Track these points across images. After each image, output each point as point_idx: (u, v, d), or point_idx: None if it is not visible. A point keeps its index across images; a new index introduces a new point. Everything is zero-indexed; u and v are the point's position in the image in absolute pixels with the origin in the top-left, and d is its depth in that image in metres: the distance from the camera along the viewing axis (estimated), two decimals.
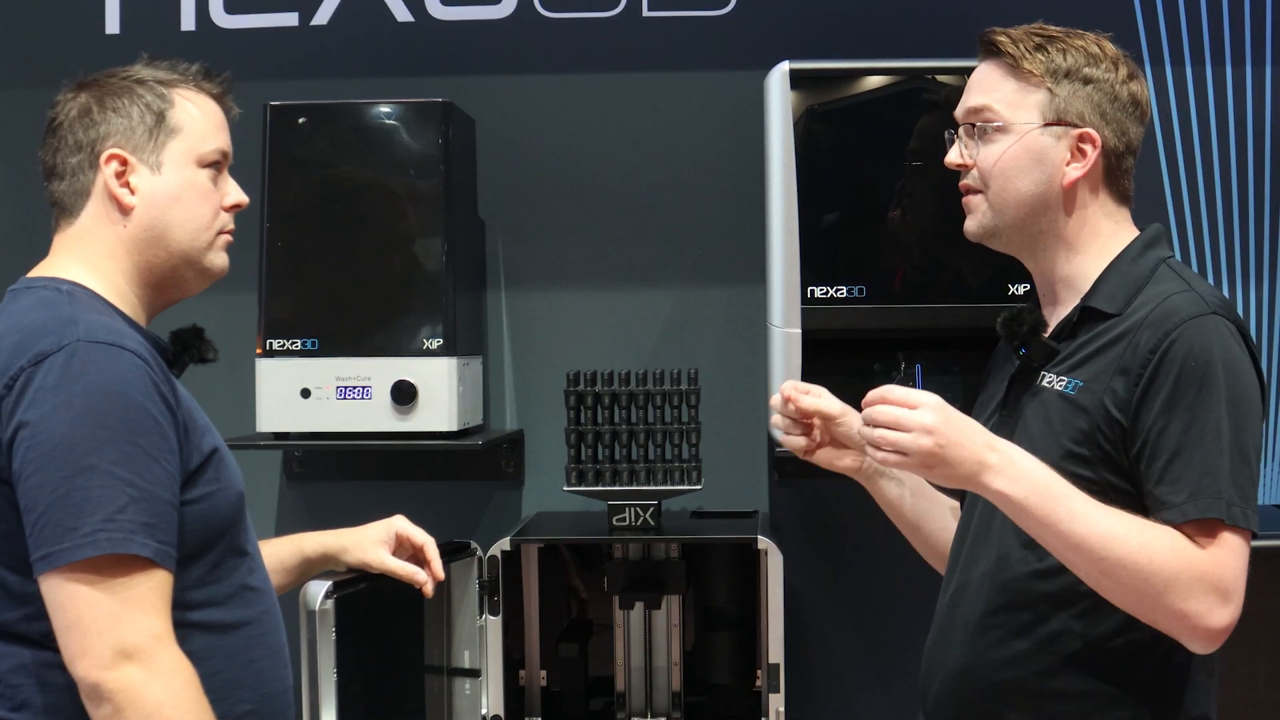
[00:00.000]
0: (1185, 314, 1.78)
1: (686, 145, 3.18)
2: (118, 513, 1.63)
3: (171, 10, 3.22)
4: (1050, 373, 1.87)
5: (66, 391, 1.65)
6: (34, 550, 1.64)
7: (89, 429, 1.64)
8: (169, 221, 1.84)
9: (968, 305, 2.72)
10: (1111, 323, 1.84)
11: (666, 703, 2.93)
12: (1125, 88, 1.90)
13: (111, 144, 1.83)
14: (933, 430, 1.75)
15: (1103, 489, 1.79)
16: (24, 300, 1.78)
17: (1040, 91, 1.88)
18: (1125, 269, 1.88)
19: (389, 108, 2.91)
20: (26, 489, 1.65)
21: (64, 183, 1.85)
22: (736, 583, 2.95)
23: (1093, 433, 1.80)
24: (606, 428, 2.81)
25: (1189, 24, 3.09)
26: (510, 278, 3.23)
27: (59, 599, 1.63)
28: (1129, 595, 1.73)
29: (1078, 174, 1.88)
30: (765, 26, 3.14)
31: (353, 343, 2.86)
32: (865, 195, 2.80)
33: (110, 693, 1.62)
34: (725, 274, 3.17)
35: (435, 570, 2.23)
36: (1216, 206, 3.11)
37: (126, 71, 1.88)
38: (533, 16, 3.19)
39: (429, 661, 2.73)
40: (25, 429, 1.65)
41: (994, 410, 1.97)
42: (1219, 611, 1.72)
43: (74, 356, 1.67)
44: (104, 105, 1.84)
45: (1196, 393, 1.75)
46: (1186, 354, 1.76)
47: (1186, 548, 1.72)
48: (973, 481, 1.77)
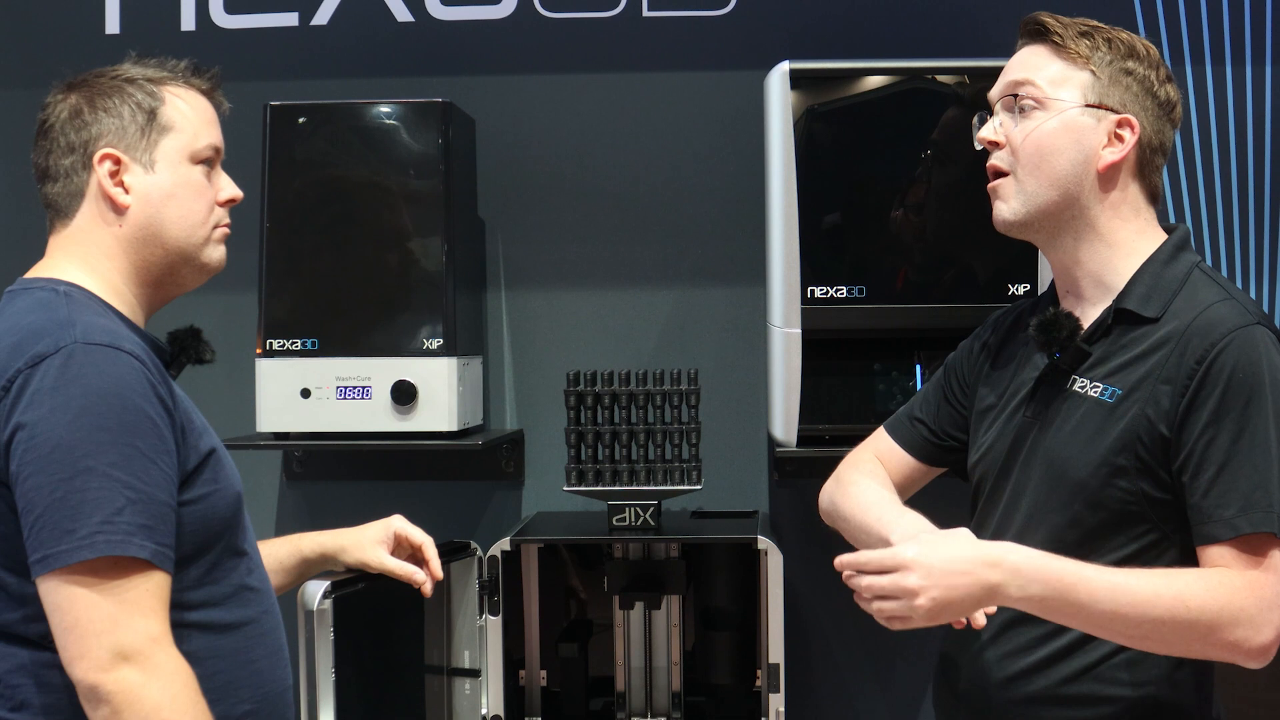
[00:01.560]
0: (1231, 324, 1.76)
1: (686, 145, 3.18)
2: (115, 515, 1.63)
3: (171, 10, 3.22)
4: (1083, 377, 1.84)
5: (64, 393, 1.65)
6: (32, 552, 1.64)
7: (86, 431, 1.64)
8: (164, 219, 1.84)
9: (968, 305, 2.72)
10: (1148, 328, 1.81)
11: (666, 703, 2.93)
12: (1164, 88, 1.89)
13: (104, 144, 1.83)
14: (920, 590, 1.69)
15: (1139, 499, 1.78)
16: (21, 302, 1.78)
17: (1084, 73, 1.86)
18: (1159, 271, 1.85)
19: (389, 108, 2.91)
20: (24, 491, 1.64)
21: (58, 184, 1.85)
22: (736, 583, 2.95)
23: (1132, 443, 1.77)
24: (606, 428, 2.81)
25: (1189, 24, 3.09)
26: (510, 278, 3.23)
27: (57, 601, 1.63)
28: (1176, 646, 1.72)
29: (1114, 158, 1.85)
30: (765, 26, 3.14)
31: (353, 343, 2.86)
32: (865, 195, 2.80)
33: (108, 694, 1.62)
34: (725, 274, 3.17)
35: (434, 570, 2.23)
36: (1216, 206, 3.11)
37: (115, 71, 1.88)
38: (533, 16, 3.19)
39: (429, 661, 2.73)
40: (23, 431, 1.65)
41: (1017, 408, 1.93)
42: (1265, 630, 1.69)
43: (71, 358, 1.66)
44: (95, 105, 1.84)
45: (1245, 405, 1.72)
46: (1235, 366, 1.73)
47: (1221, 582, 1.70)
48: (986, 604, 1.72)
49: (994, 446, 1.96)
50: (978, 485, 1.99)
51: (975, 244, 2.74)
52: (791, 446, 2.78)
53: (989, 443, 1.97)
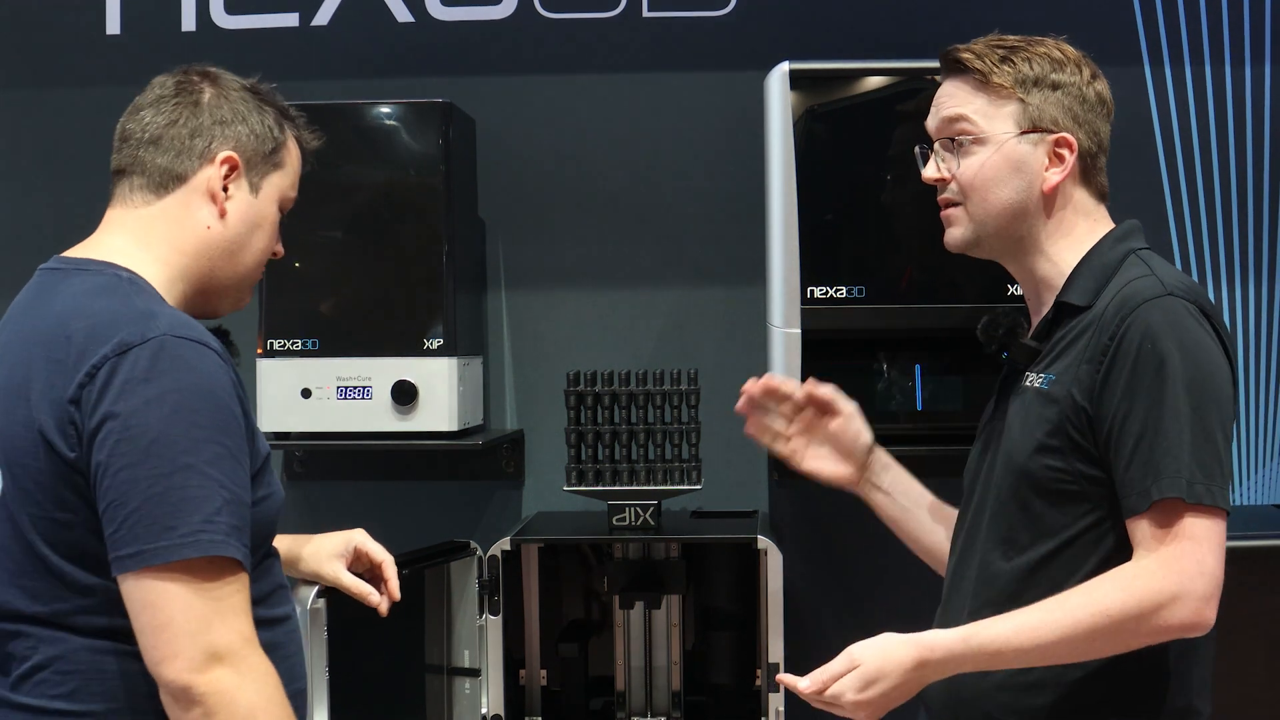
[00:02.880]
0: (1142, 297, 1.80)
1: (687, 145, 3.18)
2: (215, 514, 1.60)
3: (172, 11, 3.22)
4: (1032, 372, 1.90)
5: (157, 385, 1.61)
6: (121, 546, 1.59)
7: (184, 426, 1.60)
8: (248, 244, 1.83)
9: (968, 305, 2.72)
10: (1082, 315, 1.86)
11: (666, 702, 2.93)
12: (1091, 88, 1.93)
13: (233, 147, 1.80)
14: (872, 709, 1.79)
15: (1076, 478, 1.81)
16: (78, 283, 1.72)
17: (1012, 103, 1.91)
18: (1095, 262, 1.90)
19: (389, 108, 2.91)
20: (116, 483, 1.59)
21: (167, 156, 1.79)
22: (736, 582, 2.95)
23: (1062, 423, 1.82)
24: (606, 428, 2.81)
25: (1189, 24, 3.09)
26: (510, 278, 3.23)
27: (149, 598, 1.59)
28: (1117, 649, 1.76)
29: (1058, 178, 1.90)
30: (765, 27, 3.14)
31: (353, 343, 2.86)
32: (865, 195, 2.80)
33: (202, 695, 1.58)
34: (725, 274, 3.17)
35: (392, 590, 2.13)
36: (1216, 206, 3.11)
37: (259, 89, 1.87)
38: (533, 17, 3.20)
39: (429, 661, 2.73)
40: (114, 421, 1.60)
41: (987, 420, 2.00)
42: (1190, 602, 1.72)
43: (163, 349, 1.62)
44: (238, 110, 1.82)
45: (1155, 374, 1.75)
46: (1142, 336, 1.77)
47: (1135, 574, 1.73)
48: (926, 682, 1.81)
49: (973, 454, 2.03)
50: (966, 491, 2.02)
51: None
52: None
53: (972, 451, 2.04)
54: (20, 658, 1.68)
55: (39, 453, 1.64)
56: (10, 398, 1.68)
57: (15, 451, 1.66)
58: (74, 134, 3.16)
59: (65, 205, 3.04)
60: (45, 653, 1.67)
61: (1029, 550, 1.84)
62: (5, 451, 1.68)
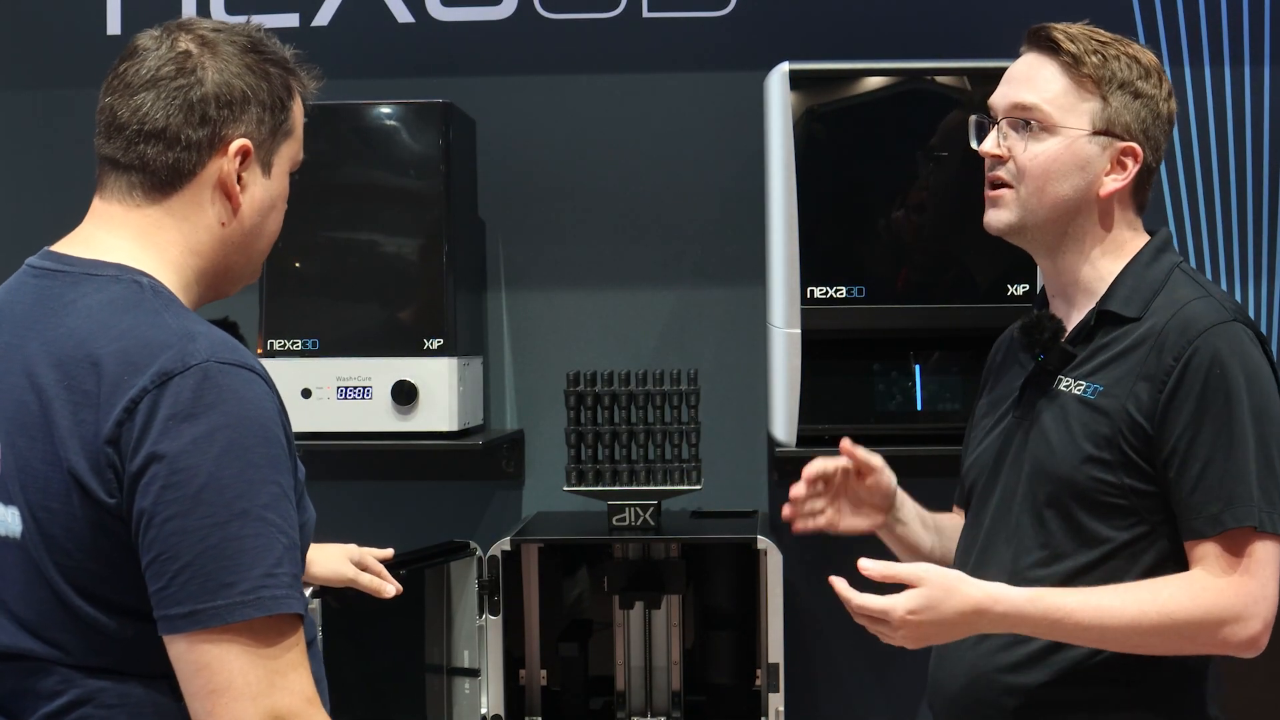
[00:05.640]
0: (1207, 321, 1.79)
1: (686, 145, 3.18)
2: (275, 566, 1.43)
3: (172, 11, 3.22)
4: (1068, 377, 1.87)
5: (206, 421, 1.42)
6: (171, 605, 1.42)
7: (237, 467, 1.43)
8: (263, 230, 1.63)
9: (967, 305, 2.72)
10: (1129, 327, 1.84)
11: (666, 702, 2.93)
12: (1167, 105, 1.91)
13: (243, 132, 1.58)
14: (903, 640, 1.79)
15: (1124, 492, 1.81)
16: (93, 293, 1.52)
17: (1094, 99, 1.87)
18: (1140, 272, 1.88)
19: (389, 108, 2.91)
20: (164, 534, 1.41)
21: (170, 153, 1.56)
22: (736, 582, 2.95)
23: (1115, 437, 1.80)
24: (606, 428, 2.81)
25: (1188, 24, 3.09)
26: (510, 278, 3.23)
27: (204, 660, 1.42)
28: (1169, 650, 1.78)
29: (1116, 186, 1.87)
30: (765, 27, 3.14)
31: (353, 343, 2.87)
32: (865, 195, 2.80)
33: None
34: (725, 274, 3.17)
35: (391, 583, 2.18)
36: (1216, 206, 3.11)
37: (260, 45, 1.64)
38: (533, 17, 3.20)
39: (429, 661, 2.73)
40: (159, 464, 1.41)
41: (1006, 412, 1.96)
42: (1252, 624, 1.75)
43: (207, 380, 1.44)
44: (248, 86, 1.59)
45: (1223, 402, 1.76)
46: (1211, 363, 1.77)
47: (1205, 586, 1.75)
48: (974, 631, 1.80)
49: (985, 450, 1.99)
50: (970, 489, 2.00)
51: (974, 245, 2.73)
52: (791, 446, 2.79)
53: (981, 447, 2.00)
54: (50, 694, 1.49)
55: (71, 497, 1.45)
56: (25, 429, 1.48)
57: (39, 494, 1.47)
58: (74, 134, 3.16)
59: (65, 205, 3.04)
60: (85, 687, 1.49)
61: (1068, 559, 1.83)
62: (26, 491, 1.48)
